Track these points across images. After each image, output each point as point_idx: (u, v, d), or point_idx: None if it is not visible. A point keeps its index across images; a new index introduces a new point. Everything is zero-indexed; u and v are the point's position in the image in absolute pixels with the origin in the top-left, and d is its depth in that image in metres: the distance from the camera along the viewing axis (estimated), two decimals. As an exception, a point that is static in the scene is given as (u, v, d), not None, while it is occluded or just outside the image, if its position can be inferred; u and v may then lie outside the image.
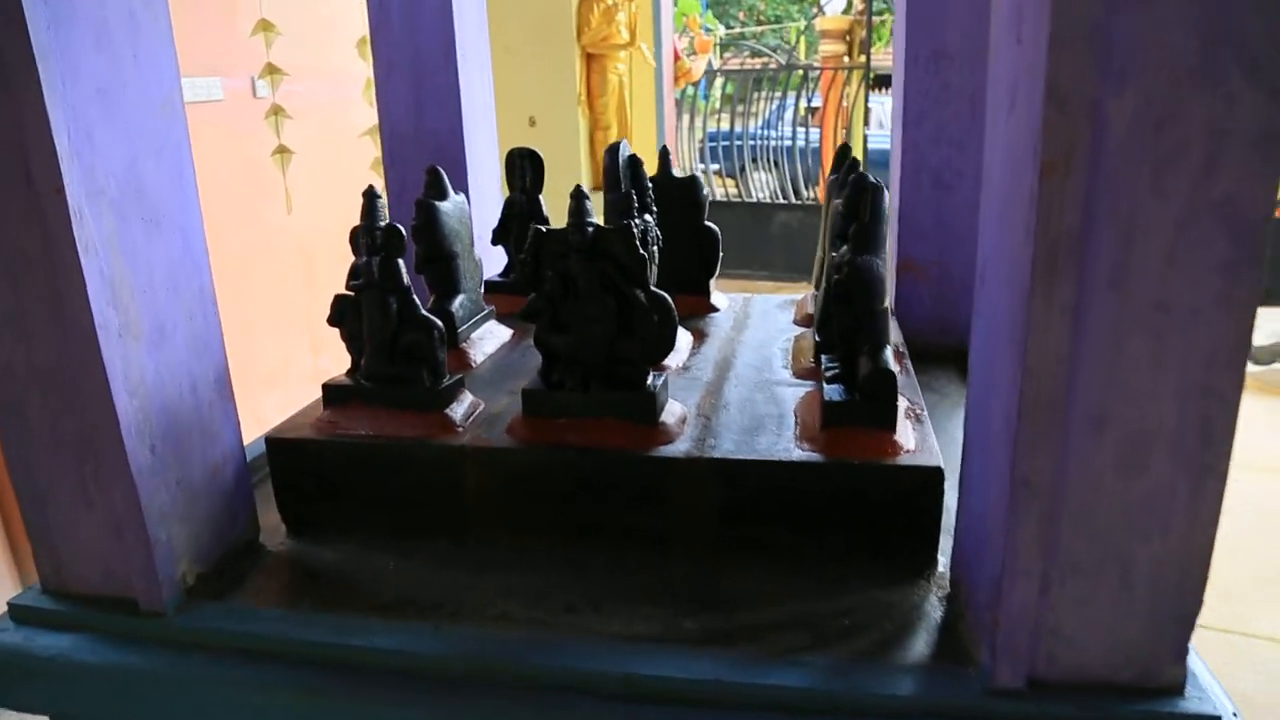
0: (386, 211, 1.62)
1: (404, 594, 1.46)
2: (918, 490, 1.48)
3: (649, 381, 1.59)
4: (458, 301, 2.01)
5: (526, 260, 1.57)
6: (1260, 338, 5.85)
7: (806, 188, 9.10)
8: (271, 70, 4.31)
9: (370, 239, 1.59)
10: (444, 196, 2.00)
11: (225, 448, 1.55)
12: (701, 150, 9.73)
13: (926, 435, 1.56)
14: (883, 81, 9.03)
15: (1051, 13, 0.94)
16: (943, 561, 1.50)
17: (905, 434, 1.54)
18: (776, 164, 9.20)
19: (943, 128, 2.39)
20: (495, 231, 2.46)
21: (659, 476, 1.53)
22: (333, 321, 1.67)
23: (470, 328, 2.06)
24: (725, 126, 9.40)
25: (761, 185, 9.60)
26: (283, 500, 1.67)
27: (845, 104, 8.23)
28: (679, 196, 2.29)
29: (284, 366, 5.06)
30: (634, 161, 1.92)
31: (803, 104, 8.88)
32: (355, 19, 4.50)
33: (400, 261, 1.62)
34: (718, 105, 9.12)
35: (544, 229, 1.56)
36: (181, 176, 1.44)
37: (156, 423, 1.38)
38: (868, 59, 8.04)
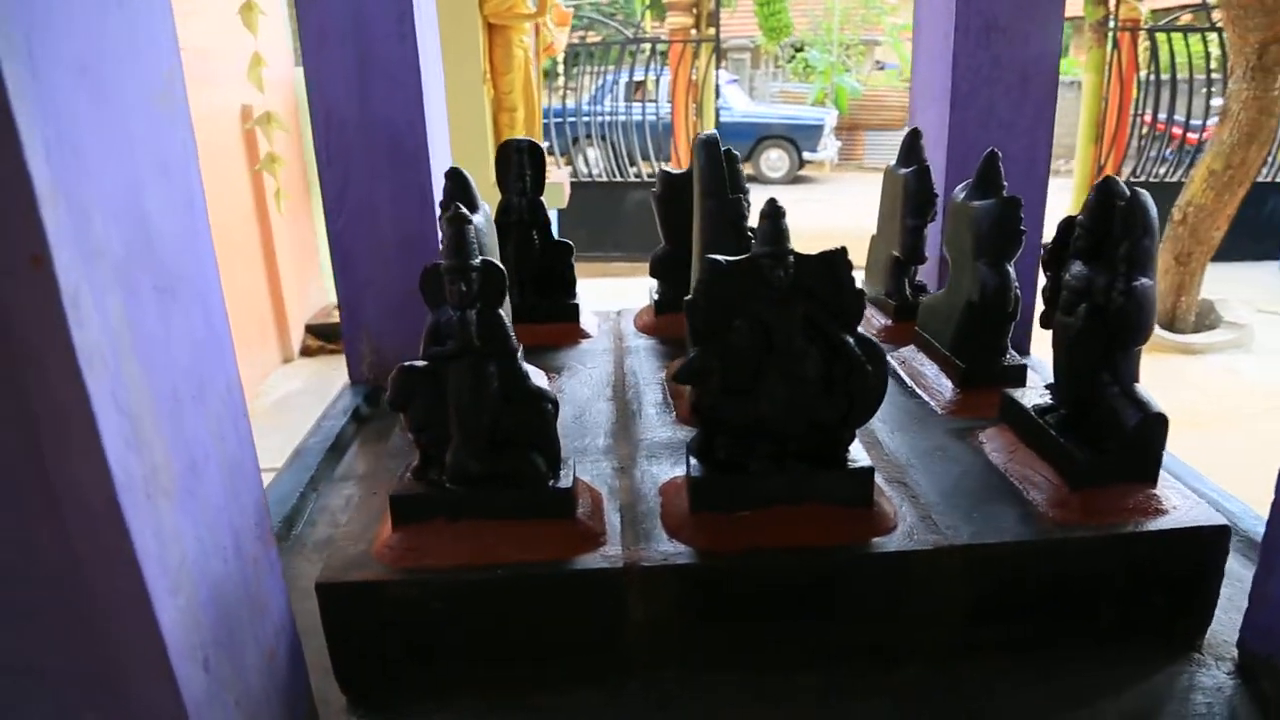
0: (480, 245, 1.12)
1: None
2: (1201, 553, 1.19)
3: (850, 453, 1.20)
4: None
5: (696, 304, 1.12)
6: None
7: (644, 162, 8.79)
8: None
9: (465, 283, 1.09)
10: (474, 206, 1.49)
11: (275, 621, 1.01)
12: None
13: (1175, 484, 1.27)
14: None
15: None
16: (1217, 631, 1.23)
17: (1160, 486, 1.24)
18: (606, 139, 8.83)
19: (993, 107, 2.11)
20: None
21: (896, 576, 1.15)
22: (399, 404, 1.15)
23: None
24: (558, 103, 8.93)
25: (594, 162, 9.22)
26: (345, 666, 1.14)
27: (694, 78, 7.97)
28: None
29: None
30: (730, 157, 1.50)
31: (640, 77, 8.56)
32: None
33: (504, 313, 1.13)
34: (562, 82, 8.63)
35: (721, 260, 1.12)
36: (193, 209, 0.89)
37: (205, 621, 0.84)
38: (717, 31, 7.80)
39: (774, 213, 1.10)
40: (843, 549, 1.15)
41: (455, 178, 1.49)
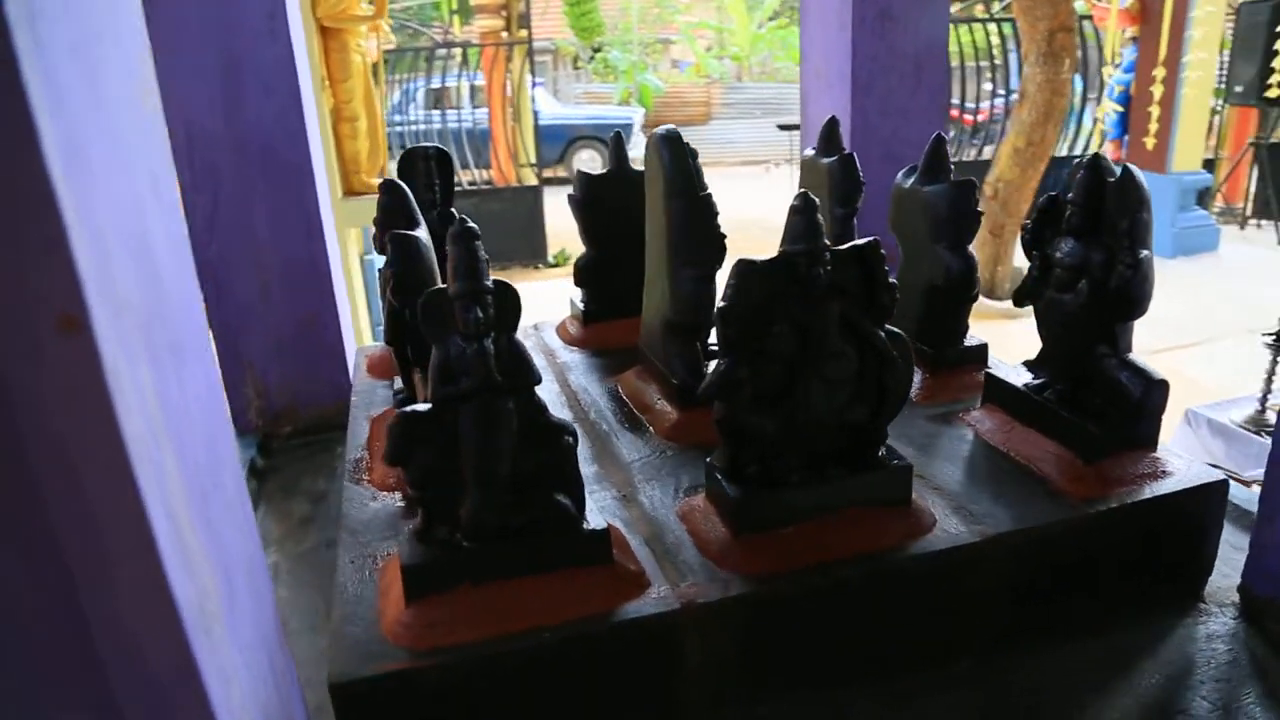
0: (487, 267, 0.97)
1: None
2: (1206, 507, 1.24)
3: (882, 452, 1.15)
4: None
5: (732, 310, 1.03)
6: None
7: (464, 170, 8.48)
8: None
9: (480, 309, 0.94)
10: (414, 223, 1.32)
11: (307, 738, 0.83)
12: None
13: (1166, 446, 1.31)
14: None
15: None
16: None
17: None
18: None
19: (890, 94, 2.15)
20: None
21: (950, 571, 1.11)
22: (398, 458, 0.98)
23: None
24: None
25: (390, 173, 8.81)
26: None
27: (509, 80, 7.75)
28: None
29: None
30: (692, 153, 1.40)
31: (445, 84, 8.25)
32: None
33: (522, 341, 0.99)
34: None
35: (756, 261, 1.03)
36: (180, 233, 0.70)
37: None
38: (529, 33, 7.61)
39: (807, 207, 1.02)
40: (896, 552, 1.09)
41: (392, 191, 1.31)
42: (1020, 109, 5.54)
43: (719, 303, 1.04)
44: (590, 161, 14.28)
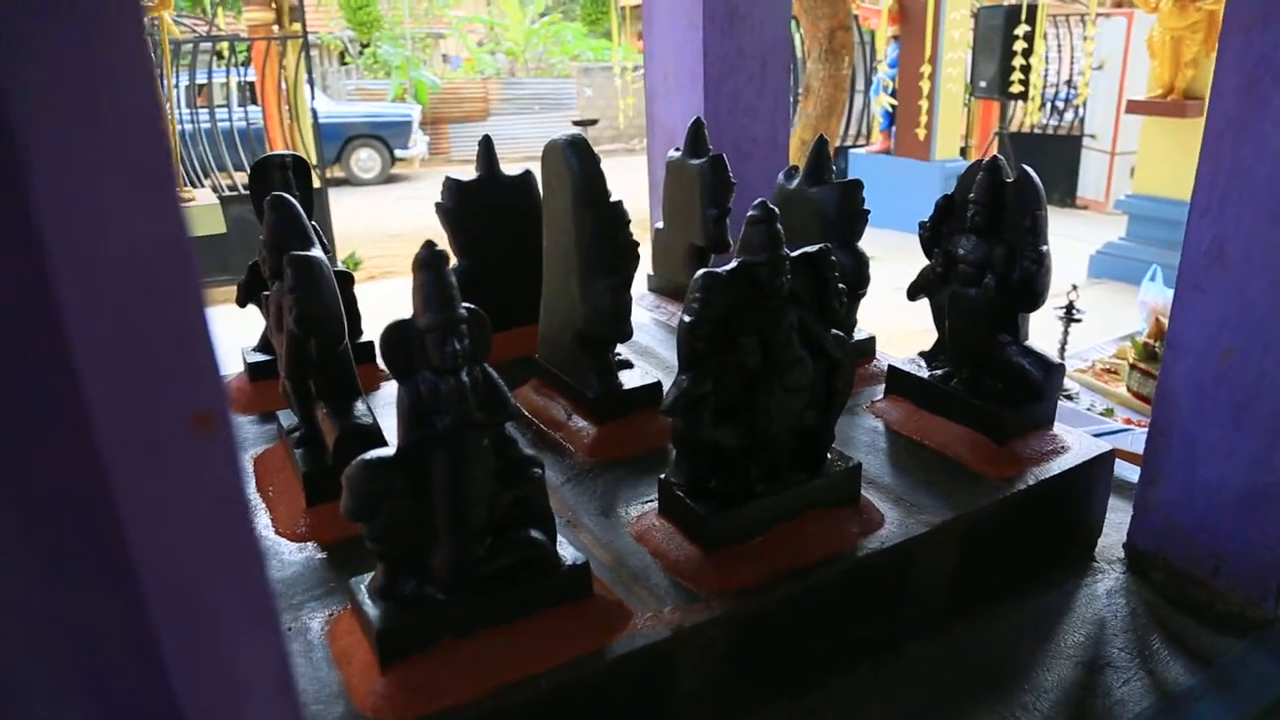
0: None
1: None
2: (1099, 476, 1.37)
3: (828, 452, 1.17)
4: (361, 409, 1.24)
5: (698, 324, 1.00)
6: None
7: (220, 173, 7.75)
8: None
9: (456, 340, 0.85)
10: (309, 242, 1.19)
11: None
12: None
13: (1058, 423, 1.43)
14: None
15: None
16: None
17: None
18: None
19: (739, 94, 2.20)
20: (243, 285, 1.59)
21: (907, 562, 1.15)
22: (362, 513, 0.87)
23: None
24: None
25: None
26: None
27: (283, 76, 7.17)
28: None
29: None
30: (596, 159, 1.35)
31: (204, 80, 7.54)
32: None
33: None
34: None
35: (714, 272, 1.00)
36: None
37: None
38: (304, 26, 7.07)
39: (767, 216, 1.01)
40: (859, 549, 1.11)
41: (281, 208, 1.17)
42: (805, 103, 5.88)
43: (684, 316, 1.01)
44: (369, 161, 13.64)
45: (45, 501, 0.35)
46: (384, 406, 1.59)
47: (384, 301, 1.95)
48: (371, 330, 1.71)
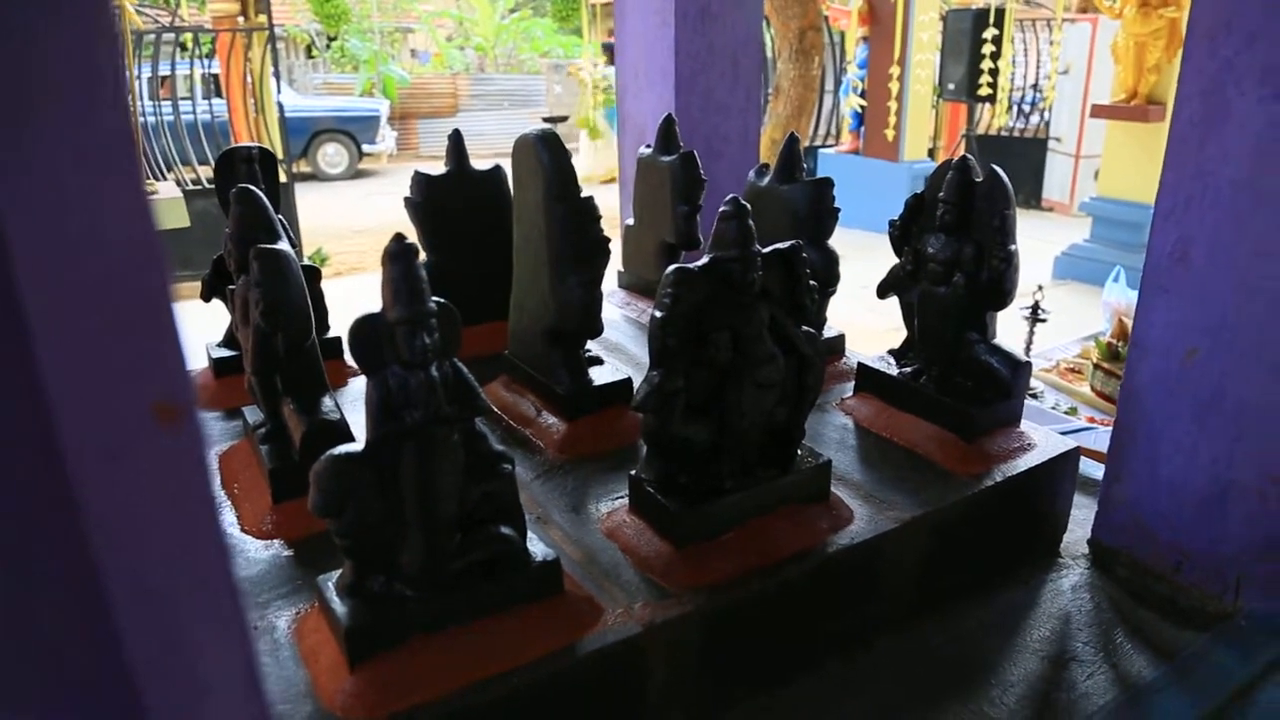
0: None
1: None
2: (1065, 473, 1.38)
3: (798, 448, 1.17)
4: (329, 405, 1.22)
5: (671, 320, 1.00)
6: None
7: (170, 169, 7.58)
8: None
9: (426, 334, 0.84)
10: (276, 235, 1.18)
11: None
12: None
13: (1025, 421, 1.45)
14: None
15: None
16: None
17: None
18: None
19: (710, 91, 2.20)
20: (207, 280, 1.56)
21: (875, 557, 1.15)
22: (330, 509, 0.86)
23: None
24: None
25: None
26: None
27: (249, 69, 7.05)
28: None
29: None
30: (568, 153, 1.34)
31: (168, 71, 7.40)
32: None
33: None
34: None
35: (685, 268, 1.00)
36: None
37: None
38: (270, 18, 6.96)
39: (739, 212, 1.01)
40: (829, 545, 1.12)
41: (246, 200, 1.15)
42: (775, 103, 5.91)
43: (656, 312, 1.01)
44: (336, 156, 13.49)
45: (3, 496, 0.34)
46: (352, 402, 1.57)
47: (351, 297, 1.93)
48: (339, 326, 1.69)
